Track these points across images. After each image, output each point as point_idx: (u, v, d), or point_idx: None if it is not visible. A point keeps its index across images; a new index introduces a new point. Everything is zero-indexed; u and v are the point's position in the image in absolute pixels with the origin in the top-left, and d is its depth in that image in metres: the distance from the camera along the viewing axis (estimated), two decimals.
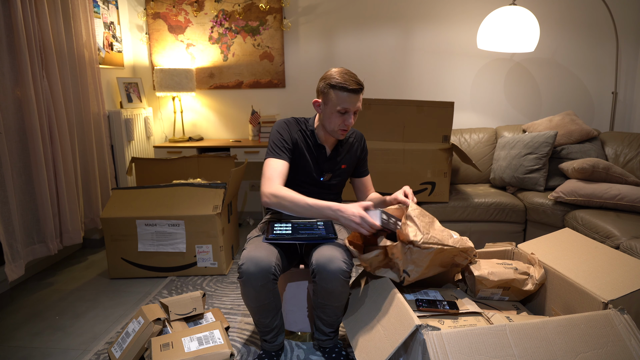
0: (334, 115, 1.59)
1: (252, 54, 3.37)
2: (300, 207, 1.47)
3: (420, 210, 1.44)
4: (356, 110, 1.59)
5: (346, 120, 1.59)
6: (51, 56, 2.38)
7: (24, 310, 2.13)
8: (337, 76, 1.55)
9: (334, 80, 1.55)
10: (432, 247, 1.36)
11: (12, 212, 2.14)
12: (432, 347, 1.12)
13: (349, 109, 1.57)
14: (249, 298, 1.46)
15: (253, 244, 1.53)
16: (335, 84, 1.54)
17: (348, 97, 1.55)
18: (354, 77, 1.56)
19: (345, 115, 1.59)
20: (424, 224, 1.40)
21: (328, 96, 1.58)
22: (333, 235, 1.54)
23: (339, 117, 1.59)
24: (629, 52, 3.07)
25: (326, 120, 1.63)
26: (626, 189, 2.24)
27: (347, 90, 1.53)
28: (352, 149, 1.79)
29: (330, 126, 1.62)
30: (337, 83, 1.54)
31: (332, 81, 1.55)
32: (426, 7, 3.18)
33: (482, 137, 3.06)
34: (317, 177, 1.73)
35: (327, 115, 1.61)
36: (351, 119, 1.59)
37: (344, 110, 1.57)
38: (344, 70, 1.58)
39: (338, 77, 1.55)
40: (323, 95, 1.60)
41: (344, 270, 1.42)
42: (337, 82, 1.54)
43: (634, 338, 1.20)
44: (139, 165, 2.92)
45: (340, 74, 1.55)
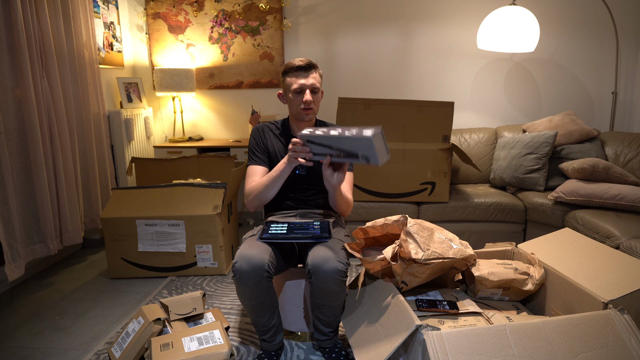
0: (293, 97, 1.66)
1: (252, 54, 3.37)
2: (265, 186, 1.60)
3: (419, 224, 1.45)
4: (312, 88, 1.64)
5: (304, 98, 1.63)
6: (51, 56, 2.38)
7: (24, 310, 2.13)
8: (289, 61, 1.67)
9: (284, 67, 1.66)
10: (432, 262, 1.37)
11: (12, 212, 2.14)
12: (432, 347, 1.12)
13: (302, 86, 1.63)
14: (244, 296, 1.47)
15: (247, 243, 1.54)
16: (286, 69, 1.65)
17: (297, 74, 1.63)
18: (305, 59, 1.65)
19: (301, 94, 1.64)
20: (423, 239, 1.40)
21: (284, 83, 1.68)
22: (327, 234, 1.54)
23: (297, 97, 1.65)
24: (629, 52, 3.07)
25: (290, 107, 1.70)
26: (626, 189, 2.24)
27: (294, 69, 1.63)
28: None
29: (294, 110, 1.69)
30: (286, 68, 1.65)
31: (284, 67, 1.67)
32: (426, 7, 3.18)
33: (482, 137, 3.06)
34: (294, 170, 1.73)
35: (289, 102, 1.69)
36: (308, 96, 1.63)
37: (298, 89, 1.63)
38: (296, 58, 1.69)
39: (287, 63, 1.66)
40: (282, 86, 1.71)
41: (339, 270, 1.42)
42: (286, 67, 1.65)
43: (634, 338, 1.20)
44: (139, 165, 2.92)
45: (292, 60, 1.68)
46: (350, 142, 1.33)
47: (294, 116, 1.73)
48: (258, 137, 1.78)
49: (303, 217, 1.77)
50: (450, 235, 1.59)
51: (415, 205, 2.63)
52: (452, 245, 1.46)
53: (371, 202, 2.63)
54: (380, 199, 2.62)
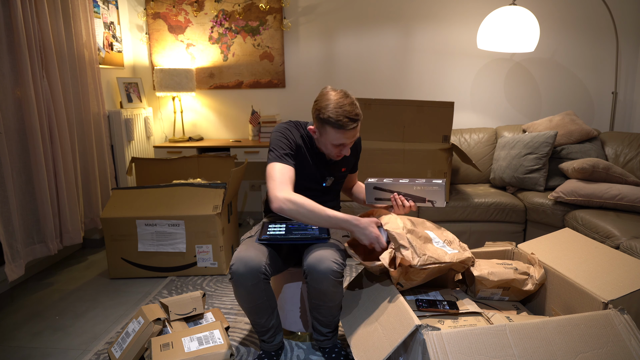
0: (329, 146, 1.54)
1: (252, 54, 3.37)
2: (318, 218, 1.42)
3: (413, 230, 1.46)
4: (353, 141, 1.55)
5: (342, 151, 1.56)
6: (51, 56, 2.38)
7: (24, 310, 2.13)
8: (333, 111, 1.44)
9: (329, 115, 1.44)
10: (429, 267, 1.38)
11: (12, 212, 2.14)
12: (432, 347, 1.12)
13: (345, 144, 1.53)
14: (241, 299, 1.47)
15: (245, 245, 1.54)
16: (330, 122, 1.45)
17: (343, 134, 1.48)
18: (351, 112, 1.45)
19: (340, 146, 1.54)
20: (419, 245, 1.40)
21: (323, 129, 1.50)
22: (326, 235, 1.54)
23: (335, 149, 1.55)
24: (629, 52, 3.07)
25: (322, 147, 1.59)
26: (626, 189, 2.24)
27: (342, 128, 1.46)
28: (352, 151, 1.79)
29: (326, 151, 1.60)
30: (332, 121, 1.44)
31: (326, 116, 1.45)
32: (426, 7, 3.18)
33: (482, 137, 3.06)
34: (320, 182, 1.72)
35: (322, 144, 1.57)
36: (347, 151, 1.56)
37: (340, 144, 1.53)
38: (340, 100, 1.45)
39: (333, 114, 1.44)
40: (318, 124, 1.52)
41: (334, 271, 1.42)
42: (332, 120, 1.44)
43: (634, 338, 1.20)
44: (139, 165, 2.92)
45: (335, 108, 1.44)
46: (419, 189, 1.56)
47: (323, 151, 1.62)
48: (290, 136, 1.59)
49: None
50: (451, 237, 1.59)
51: None
52: (446, 251, 1.46)
53: None
54: None
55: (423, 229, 1.55)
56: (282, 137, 1.57)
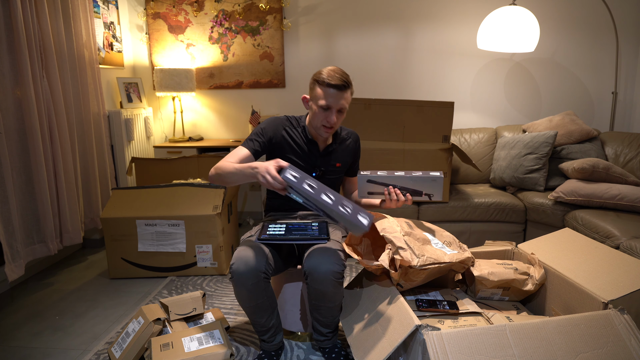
0: (318, 112, 1.60)
1: (252, 54, 3.37)
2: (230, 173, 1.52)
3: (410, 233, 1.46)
4: (340, 108, 1.59)
5: (328, 117, 1.59)
6: (51, 56, 2.38)
7: (24, 310, 2.13)
8: (324, 72, 1.57)
9: (320, 76, 1.57)
10: (428, 267, 1.38)
11: (12, 212, 2.14)
12: (432, 347, 1.12)
13: (331, 106, 1.57)
14: (242, 298, 1.47)
15: (245, 245, 1.54)
16: (320, 80, 1.56)
17: (330, 93, 1.55)
18: (341, 75, 1.56)
19: (327, 111, 1.58)
20: (417, 246, 1.41)
21: (314, 91, 1.61)
22: (325, 236, 1.54)
23: (322, 113, 1.59)
24: (629, 52, 3.07)
25: (312, 117, 1.65)
26: (626, 189, 2.24)
27: (330, 85, 1.55)
28: (348, 148, 1.80)
29: (314, 122, 1.64)
30: (322, 79, 1.56)
31: (318, 77, 1.58)
32: (426, 7, 3.18)
33: (482, 137, 3.06)
34: (310, 172, 1.73)
35: (312, 112, 1.64)
36: (334, 117, 1.59)
37: (326, 106, 1.57)
38: (335, 68, 1.59)
39: (324, 73, 1.57)
40: (310, 90, 1.64)
41: (334, 272, 1.42)
42: (322, 78, 1.56)
43: (634, 338, 1.20)
44: (139, 165, 2.92)
45: (327, 71, 1.57)
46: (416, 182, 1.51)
47: (313, 127, 1.67)
48: (269, 129, 1.70)
49: (303, 218, 1.77)
50: (450, 238, 1.59)
51: (415, 205, 2.63)
52: (445, 252, 1.47)
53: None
54: None
55: (421, 231, 1.55)
56: (262, 125, 1.72)
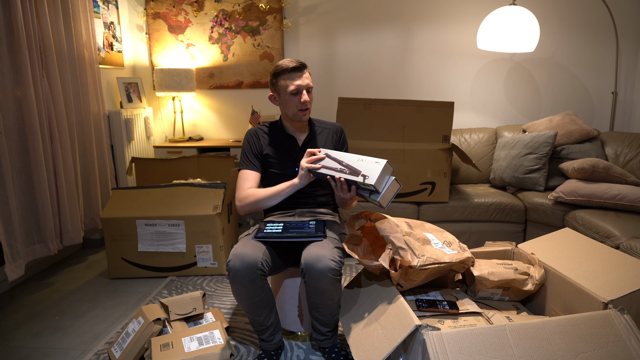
0: (288, 99, 1.64)
1: (252, 54, 3.37)
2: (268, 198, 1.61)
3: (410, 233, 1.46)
4: (307, 87, 1.64)
5: (302, 99, 1.63)
6: (51, 56, 2.38)
7: (24, 310, 2.13)
8: (279, 63, 1.64)
9: (277, 68, 1.63)
10: (428, 268, 1.38)
11: (12, 212, 2.14)
12: (432, 347, 1.12)
13: (299, 87, 1.62)
14: (239, 295, 1.47)
15: (241, 242, 1.55)
16: (279, 71, 1.63)
17: (291, 76, 1.61)
18: (294, 59, 1.64)
19: (298, 95, 1.64)
20: (417, 247, 1.41)
21: (277, 85, 1.66)
22: (322, 233, 1.55)
23: (294, 99, 1.64)
24: (629, 52, 3.07)
25: (285, 108, 1.68)
26: (626, 189, 2.24)
27: (289, 70, 1.61)
28: (329, 139, 1.80)
29: (290, 111, 1.67)
30: (278, 70, 1.63)
31: (276, 70, 1.64)
32: (426, 7, 3.18)
33: (482, 137, 3.06)
34: (292, 168, 1.73)
35: (284, 103, 1.67)
36: (307, 97, 1.64)
37: (295, 90, 1.62)
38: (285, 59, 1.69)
39: (279, 64, 1.64)
40: (273, 87, 1.69)
41: (332, 269, 1.42)
42: (279, 69, 1.62)
43: (634, 338, 1.20)
44: (139, 165, 2.92)
45: (280, 62, 1.64)
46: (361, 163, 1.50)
47: (289, 117, 1.71)
48: (252, 141, 1.75)
49: (301, 217, 1.77)
50: (450, 238, 1.59)
51: (415, 205, 2.63)
52: (446, 252, 1.47)
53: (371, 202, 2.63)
54: None
55: (421, 231, 1.55)
56: (245, 144, 1.76)
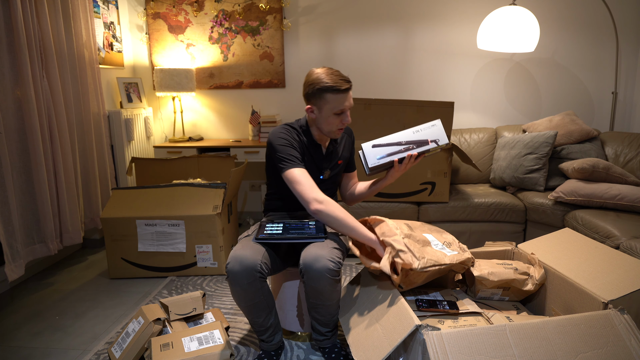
0: (330, 118, 1.58)
1: (252, 54, 3.37)
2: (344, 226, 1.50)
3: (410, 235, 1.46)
4: (350, 107, 1.61)
5: (343, 120, 1.60)
6: (51, 56, 2.38)
7: (24, 310, 2.13)
8: (328, 79, 1.52)
9: (324, 84, 1.52)
10: (429, 270, 1.38)
11: (12, 212, 2.14)
12: (432, 347, 1.12)
13: (344, 109, 1.58)
14: (238, 297, 1.47)
15: (241, 244, 1.54)
16: (327, 88, 1.52)
17: (342, 97, 1.55)
18: (342, 76, 1.55)
19: (342, 115, 1.59)
20: (417, 249, 1.41)
21: (322, 100, 1.56)
22: (323, 234, 1.54)
23: (337, 118, 1.59)
24: (629, 52, 3.07)
25: (323, 124, 1.61)
26: (626, 189, 2.24)
27: (340, 91, 1.53)
28: (346, 144, 1.82)
29: (327, 128, 1.62)
30: (329, 86, 1.52)
31: (322, 85, 1.53)
32: (426, 7, 3.18)
33: (482, 137, 3.06)
34: (317, 176, 1.73)
35: (323, 119, 1.59)
36: (348, 117, 1.61)
37: (340, 111, 1.57)
38: (329, 70, 1.56)
39: (329, 80, 1.52)
40: (315, 99, 1.57)
41: (330, 269, 1.42)
42: (329, 86, 1.52)
43: (634, 338, 1.20)
44: (139, 165, 2.92)
45: (329, 76, 1.53)
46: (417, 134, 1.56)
47: (322, 131, 1.64)
48: (292, 138, 1.63)
49: (301, 218, 1.77)
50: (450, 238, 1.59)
51: (415, 205, 2.63)
52: (446, 253, 1.47)
53: (371, 202, 2.63)
54: (381, 198, 2.62)
55: (421, 232, 1.55)
56: (285, 142, 1.61)
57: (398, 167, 1.59)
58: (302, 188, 1.52)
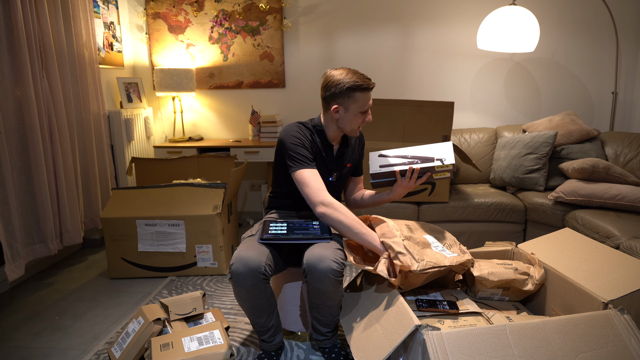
0: (357, 116, 1.61)
1: (252, 54, 3.37)
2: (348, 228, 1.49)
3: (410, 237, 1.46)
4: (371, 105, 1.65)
5: (366, 117, 1.63)
6: (51, 56, 2.38)
7: (24, 310, 2.13)
8: (355, 77, 1.55)
9: (352, 83, 1.54)
10: (428, 271, 1.38)
11: (12, 212, 2.14)
12: (432, 347, 1.12)
13: (368, 108, 1.62)
14: (241, 298, 1.47)
15: (245, 244, 1.54)
16: (357, 86, 1.54)
17: (369, 96, 1.59)
18: (365, 75, 1.59)
19: (365, 113, 1.62)
20: (416, 251, 1.41)
21: (350, 99, 1.57)
22: (328, 235, 1.54)
23: (361, 117, 1.62)
24: (629, 52, 3.07)
25: (347, 123, 1.62)
26: (626, 189, 2.24)
27: (369, 89, 1.57)
28: (355, 147, 1.82)
29: (350, 127, 1.63)
30: (358, 85, 1.54)
31: (352, 84, 1.54)
32: (426, 7, 3.18)
33: (482, 137, 3.06)
34: (326, 178, 1.73)
35: (349, 117, 1.60)
36: (370, 115, 1.64)
37: (366, 109, 1.61)
38: (352, 70, 1.58)
39: (357, 79, 1.54)
40: (342, 99, 1.57)
41: (333, 270, 1.42)
42: (358, 84, 1.54)
43: (634, 338, 1.20)
44: (139, 165, 2.92)
45: (355, 75, 1.55)
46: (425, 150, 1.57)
47: (344, 130, 1.64)
48: (306, 137, 1.62)
49: (305, 217, 1.77)
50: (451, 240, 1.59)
51: (415, 205, 2.63)
52: (445, 255, 1.47)
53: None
54: None
55: (421, 233, 1.55)
56: (297, 141, 1.60)
57: (401, 182, 1.60)
58: (310, 190, 1.53)
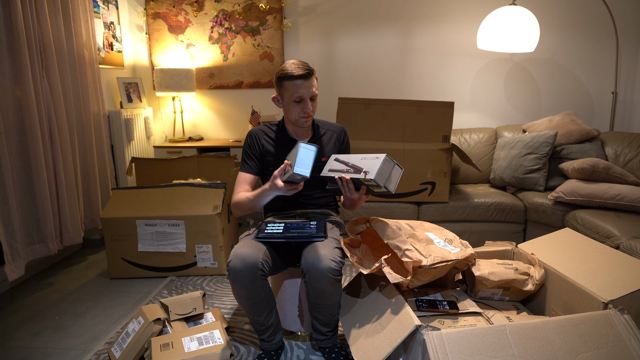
0: (291, 105, 1.62)
1: (252, 54, 3.37)
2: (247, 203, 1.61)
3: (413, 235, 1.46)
4: (312, 96, 1.61)
5: (305, 108, 1.62)
6: (51, 56, 2.38)
7: (24, 310, 2.13)
8: (287, 67, 1.59)
9: (282, 72, 1.59)
10: (437, 266, 1.38)
11: (12, 212, 2.14)
12: (432, 347, 1.12)
13: (303, 96, 1.59)
14: (239, 296, 1.47)
15: (242, 242, 1.55)
16: (284, 75, 1.58)
17: (299, 84, 1.57)
18: (302, 64, 1.59)
19: (301, 103, 1.61)
20: (422, 247, 1.41)
21: (282, 88, 1.62)
22: (323, 234, 1.55)
23: (297, 106, 1.62)
24: (629, 52, 3.07)
25: (287, 112, 1.67)
26: (626, 189, 2.24)
27: (295, 77, 1.56)
28: (331, 141, 1.79)
29: (291, 117, 1.66)
30: (285, 74, 1.58)
31: (282, 73, 1.59)
32: (426, 7, 3.18)
33: (482, 137, 3.06)
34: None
35: (286, 107, 1.65)
36: (309, 106, 1.62)
37: (298, 98, 1.60)
38: (295, 60, 1.61)
39: (288, 68, 1.58)
40: (277, 88, 1.65)
41: (332, 269, 1.42)
42: (285, 73, 1.58)
43: (634, 338, 1.20)
44: (139, 165, 2.92)
45: (288, 65, 1.59)
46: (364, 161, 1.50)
47: (291, 122, 1.70)
48: (253, 143, 1.74)
49: (302, 217, 1.77)
50: (450, 235, 1.59)
51: (415, 205, 2.63)
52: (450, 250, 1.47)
53: (371, 202, 2.63)
54: (381, 199, 2.62)
55: (422, 231, 1.56)
56: (245, 145, 1.75)
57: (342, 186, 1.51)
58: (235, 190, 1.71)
